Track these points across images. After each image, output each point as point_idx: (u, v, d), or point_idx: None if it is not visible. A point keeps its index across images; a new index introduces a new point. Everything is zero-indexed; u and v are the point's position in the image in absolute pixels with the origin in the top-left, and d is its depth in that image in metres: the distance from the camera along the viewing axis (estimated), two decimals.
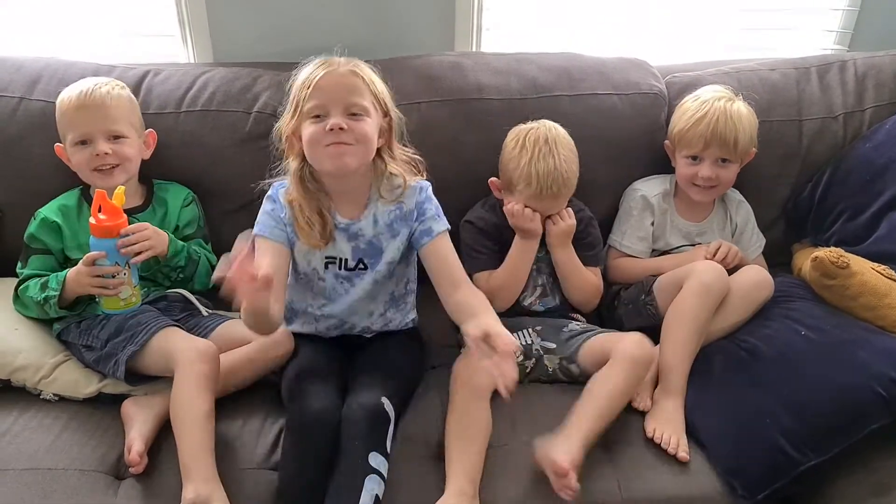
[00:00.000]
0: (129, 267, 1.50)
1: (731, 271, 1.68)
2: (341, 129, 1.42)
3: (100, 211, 1.47)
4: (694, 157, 1.77)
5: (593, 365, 1.54)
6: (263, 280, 1.22)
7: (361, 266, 1.56)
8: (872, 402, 1.41)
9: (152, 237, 1.54)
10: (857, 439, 1.40)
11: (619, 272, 1.84)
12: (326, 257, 1.55)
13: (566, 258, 1.71)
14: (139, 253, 1.51)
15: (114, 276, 1.48)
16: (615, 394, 1.47)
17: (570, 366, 1.62)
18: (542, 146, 1.63)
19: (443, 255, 1.55)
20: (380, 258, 1.56)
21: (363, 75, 1.48)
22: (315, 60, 1.50)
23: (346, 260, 1.55)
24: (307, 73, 1.48)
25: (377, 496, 1.32)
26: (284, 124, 1.52)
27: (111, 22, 2.05)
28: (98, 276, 1.48)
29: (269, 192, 1.57)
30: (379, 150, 1.53)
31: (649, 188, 1.85)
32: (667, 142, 1.86)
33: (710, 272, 1.62)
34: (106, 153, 1.58)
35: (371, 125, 1.47)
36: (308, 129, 1.45)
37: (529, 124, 1.71)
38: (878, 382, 1.41)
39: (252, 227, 1.56)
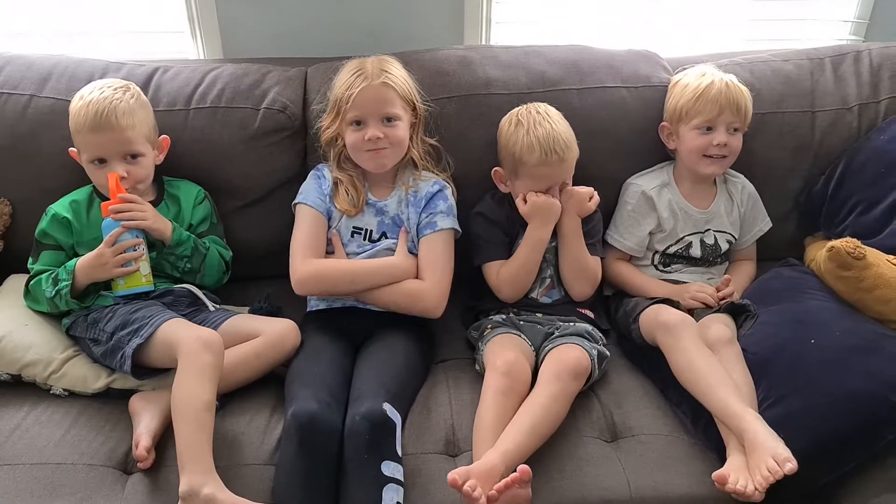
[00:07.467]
0: (145, 241, 1.57)
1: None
2: (378, 138, 1.60)
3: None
4: (707, 128, 1.73)
5: None
6: None
7: (384, 239, 1.68)
8: (887, 412, 1.38)
9: (146, 211, 1.58)
10: (873, 451, 1.38)
11: (613, 276, 1.83)
12: (354, 227, 1.68)
13: (573, 231, 1.69)
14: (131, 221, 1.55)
15: (135, 249, 1.54)
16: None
17: None
18: (535, 115, 1.68)
19: (433, 249, 1.65)
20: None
21: (394, 84, 1.63)
22: (349, 66, 1.66)
23: (371, 231, 1.69)
24: (345, 82, 1.64)
25: (398, 503, 1.33)
26: (325, 127, 1.70)
27: (120, 19, 2.06)
28: (120, 253, 1.52)
29: (314, 169, 1.75)
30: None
31: (646, 182, 1.82)
32: (664, 123, 1.82)
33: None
34: (122, 177, 1.57)
35: (403, 128, 1.65)
36: (350, 136, 1.65)
37: (518, 107, 1.74)
38: (893, 391, 1.39)
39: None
